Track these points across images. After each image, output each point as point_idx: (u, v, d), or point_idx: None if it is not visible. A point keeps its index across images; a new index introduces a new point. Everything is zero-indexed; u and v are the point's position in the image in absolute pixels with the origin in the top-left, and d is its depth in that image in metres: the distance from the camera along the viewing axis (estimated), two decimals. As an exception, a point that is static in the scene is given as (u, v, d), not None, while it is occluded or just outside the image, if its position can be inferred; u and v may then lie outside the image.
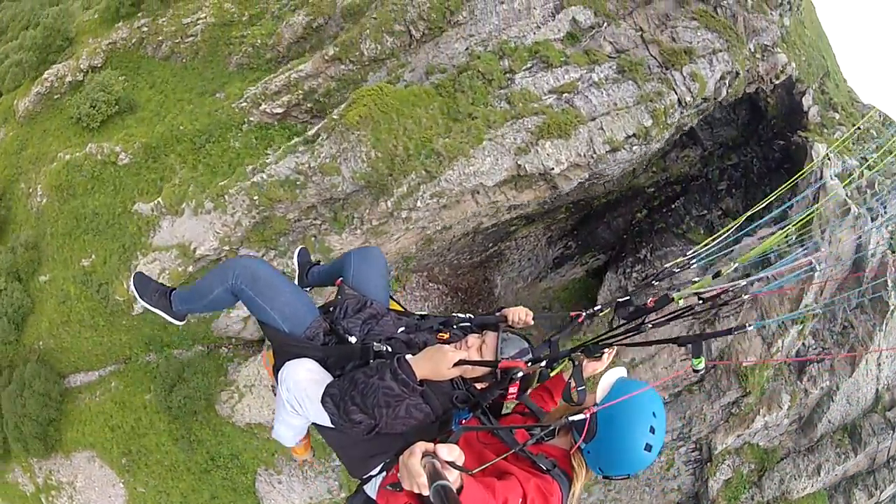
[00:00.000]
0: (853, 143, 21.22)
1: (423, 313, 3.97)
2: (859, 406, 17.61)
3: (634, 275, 19.50)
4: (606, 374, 2.84)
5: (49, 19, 22.89)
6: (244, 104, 16.66)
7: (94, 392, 17.70)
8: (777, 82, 19.73)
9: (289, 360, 3.20)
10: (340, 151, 13.83)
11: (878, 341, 16.87)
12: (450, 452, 1.99)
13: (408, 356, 2.90)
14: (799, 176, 12.38)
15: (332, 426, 3.04)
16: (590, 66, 21.16)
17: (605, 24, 22.93)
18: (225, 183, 14.73)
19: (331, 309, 3.57)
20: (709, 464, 16.82)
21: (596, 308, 3.89)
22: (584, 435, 2.66)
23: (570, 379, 2.87)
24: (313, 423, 3.31)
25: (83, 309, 16.95)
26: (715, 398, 16.69)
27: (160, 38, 22.12)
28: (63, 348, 17.96)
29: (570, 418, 2.64)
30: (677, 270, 3.99)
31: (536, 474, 2.65)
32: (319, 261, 4.63)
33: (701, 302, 3.25)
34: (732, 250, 11.69)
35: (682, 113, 17.66)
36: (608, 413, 2.64)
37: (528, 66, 22.71)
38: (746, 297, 3.79)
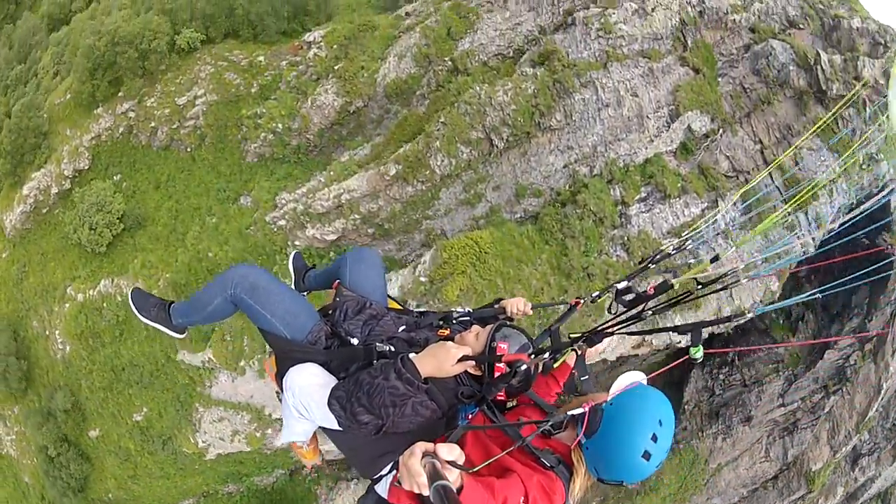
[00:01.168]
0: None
1: (421, 310, 3.99)
2: (892, 478, 21.56)
3: (721, 377, 20.50)
4: (624, 375, 2.78)
5: (15, 119, 19.97)
6: (282, 221, 14.48)
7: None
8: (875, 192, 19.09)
9: (292, 365, 3.24)
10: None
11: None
12: (450, 452, 2.02)
13: (411, 355, 2.89)
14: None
15: (339, 429, 3.07)
16: (711, 198, 20.93)
17: (722, 131, 21.63)
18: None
19: (330, 312, 3.58)
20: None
21: (595, 294, 3.93)
22: (584, 428, 2.64)
23: (573, 369, 2.98)
24: (320, 427, 3.31)
25: (149, 463, 15.71)
26: (786, 496, 19.76)
27: (153, 123, 19.52)
28: (135, 496, 16.86)
29: (570, 412, 2.66)
30: (673, 252, 4.03)
31: (540, 471, 2.64)
32: (315, 265, 4.66)
33: (700, 286, 3.25)
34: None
35: (799, 262, 17.11)
36: (613, 411, 2.64)
37: (643, 195, 20.97)
38: (744, 280, 3.10)
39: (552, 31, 23.67)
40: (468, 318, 3.72)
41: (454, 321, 3.71)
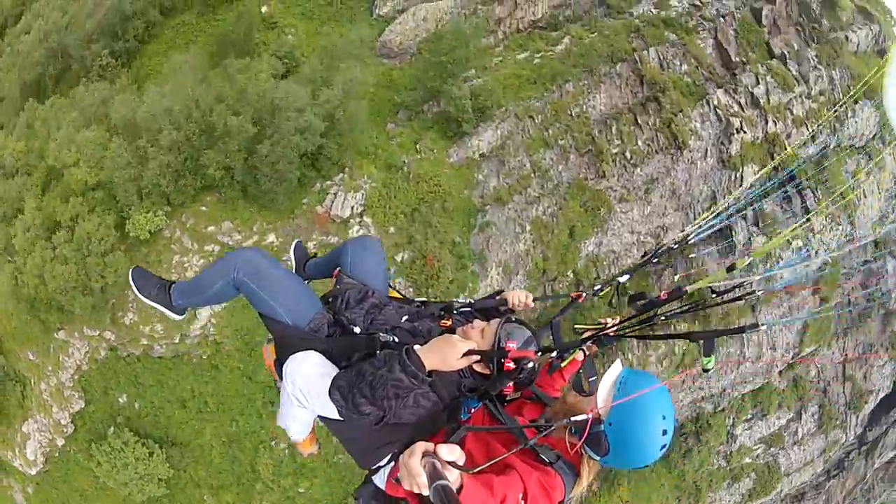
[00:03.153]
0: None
1: (422, 300, 3.93)
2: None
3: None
4: (608, 373, 2.76)
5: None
6: None
7: None
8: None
9: (293, 353, 3.17)
10: None
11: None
12: (450, 452, 1.98)
13: (416, 346, 2.85)
14: None
15: (339, 418, 3.05)
16: (797, 411, 22.43)
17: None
18: None
19: (330, 300, 3.53)
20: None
21: (597, 288, 3.91)
22: (584, 437, 2.61)
23: (580, 369, 2.88)
24: (319, 416, 3.30)
25: None
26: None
27: (143, 340, 18.27)
28: None
29: (573, 419, 2.62)
30: (675, 247, 4.04)
31: (539, 467, 2.61)
32: (316, 254, 4.65)
33: (714, 295, 3.24)
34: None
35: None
36: (617, 431, 2.60)
37: (749, 416, 21.64)
38: (759, 292, 3.59)
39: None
40: (469, 308, 3.71)
41: (455, 311, 3.64)
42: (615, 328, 3.13)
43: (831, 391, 24.69)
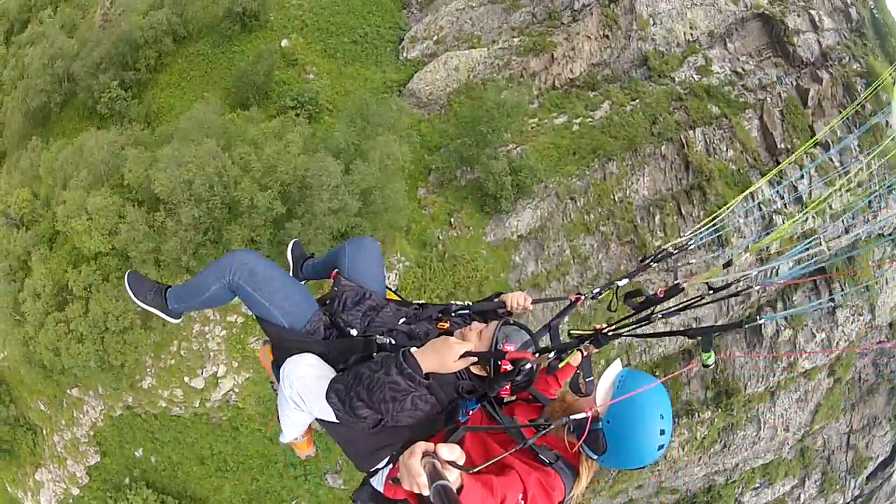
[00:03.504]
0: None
1: (420, 301, 3.88)
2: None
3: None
4: (607, 371, 2.74)
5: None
6: None
7: None
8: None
9: (290, 355, 3.11)
10: None
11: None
12: (450, 452, 1.97)
13: (412, 349, 2.79)
14: None
15: (336, 421, 2.97)
16: (801, 478, 23.08)
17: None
18: None
19: (328, 301, 3.47)
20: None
21: (596, 291, 3.88)
22: (584, 436, 2.61)
23: (578, 369, 2.83)
24: (317, 419, 3.22)
25: None
26: None
27: (162, 403, 17.62)
28: None
29: (572, 417, 2.58)
30: (674, 252, 4.04)
31: (538, 467, 2.59)
32: (314, 254, 4.60)
33: (711, 292, 3.16)
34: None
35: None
36: (614, 429, 2.61)
37: (756, 485, 21.96)
38: (756, 287, 3.41)
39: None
40: (467, 311, 3.68)
41: (453, 313, 3.62)
42: (612, 328, 3.12)
43: (834, 458, 25.42)
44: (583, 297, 3.89)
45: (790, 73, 22.23)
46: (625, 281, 3.93)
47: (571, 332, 3.34)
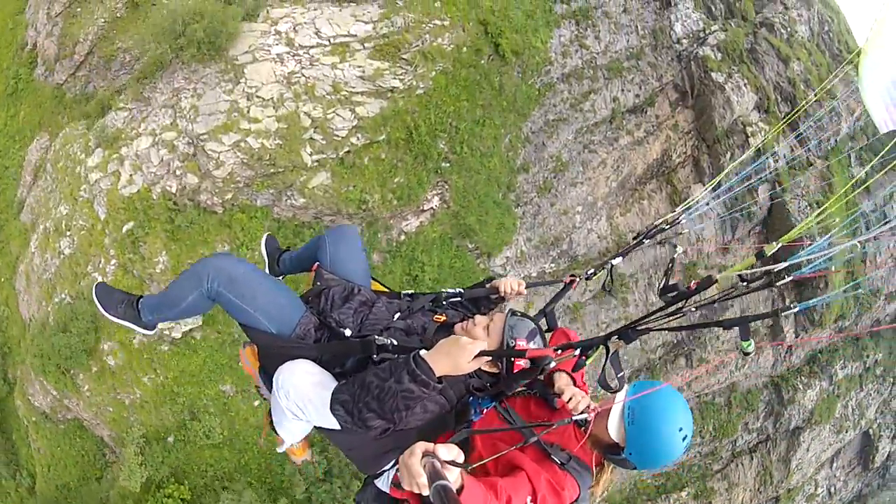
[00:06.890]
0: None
1: (409, 292, 3.68)
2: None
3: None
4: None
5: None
6: None
7: None
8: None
9: (281, 363, 2.96)
10: None
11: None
12: (449, 452, 1.97)
13: (423, 352, 2.66)
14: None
15: (338, 429, 2.85)
16: None
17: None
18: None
19: (311, 298, 3.30)
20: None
21: (590, 271, 3.83)
22: (587, 435, 2.62)
23: (604, 366, 2.77)
24: (316, 427, 3.10)
25: None
26: None
27: None
28: None
29: (575, 417, 2.57)
30: (666, 227, 3.99)
31: (550, 467, 2.57)
32: (289, 247, 4.31)
33: (744, 284, 3.07)
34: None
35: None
36: (635, 447, 2.61)
37: None
38: (789, 278, 2.81)
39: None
40: (459, 298, 3.55)
41: (444, 302, 3.50)
42: (642, 321, 2.98)
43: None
44: (577, 279, 3.84)
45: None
46: (618, 259, 3.85)
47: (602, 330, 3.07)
